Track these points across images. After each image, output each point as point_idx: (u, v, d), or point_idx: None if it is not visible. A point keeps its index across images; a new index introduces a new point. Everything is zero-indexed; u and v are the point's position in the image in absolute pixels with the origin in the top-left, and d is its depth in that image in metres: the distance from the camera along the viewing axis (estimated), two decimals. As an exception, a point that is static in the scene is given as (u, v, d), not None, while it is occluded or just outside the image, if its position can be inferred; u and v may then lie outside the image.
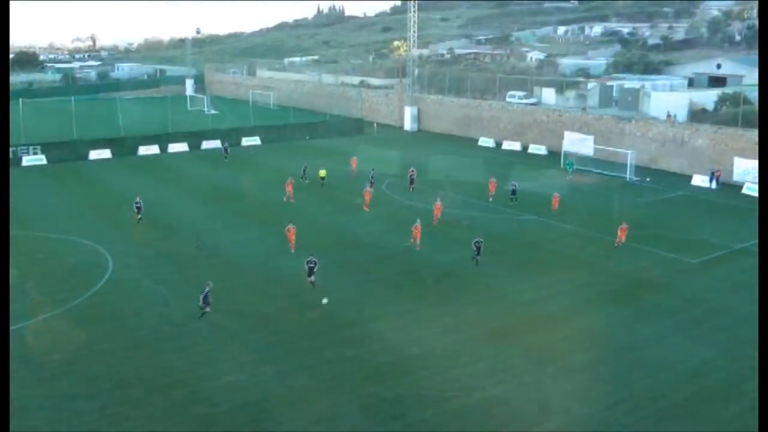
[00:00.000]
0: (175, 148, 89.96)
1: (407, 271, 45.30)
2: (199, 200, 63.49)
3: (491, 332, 36.23)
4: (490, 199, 62.87)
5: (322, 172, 67.00)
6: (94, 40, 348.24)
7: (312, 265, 40.84)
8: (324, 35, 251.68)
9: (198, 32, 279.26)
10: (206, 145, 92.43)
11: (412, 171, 68.04)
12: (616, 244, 49.51)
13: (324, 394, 29.93)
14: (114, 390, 29.76)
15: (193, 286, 40.36)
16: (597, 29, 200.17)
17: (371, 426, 27.60)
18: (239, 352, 33.52)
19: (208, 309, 36.71)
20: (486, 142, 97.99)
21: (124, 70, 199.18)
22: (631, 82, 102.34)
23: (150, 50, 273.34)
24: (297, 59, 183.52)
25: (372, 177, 66.79)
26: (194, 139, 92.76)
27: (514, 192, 62.07)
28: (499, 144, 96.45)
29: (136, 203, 55.16)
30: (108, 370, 31.54)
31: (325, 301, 38.63)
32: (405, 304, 39.72)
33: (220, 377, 31.07)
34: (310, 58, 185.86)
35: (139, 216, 54.72)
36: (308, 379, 31.13)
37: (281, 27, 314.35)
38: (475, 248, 45.32)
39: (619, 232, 50.03)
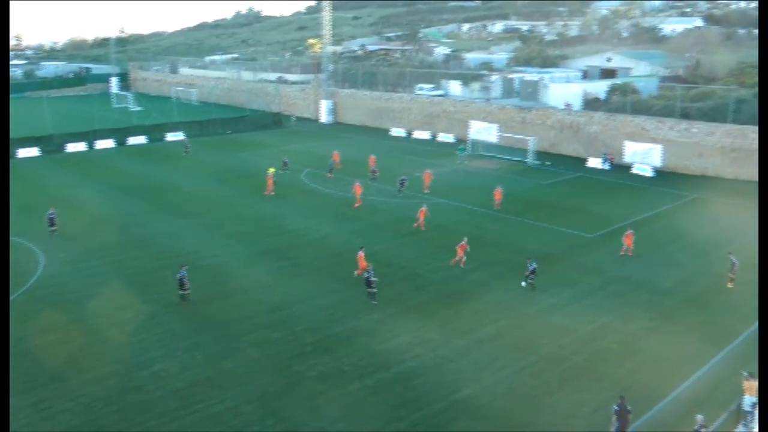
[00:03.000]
0: (102, 144, 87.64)
1: (327, 255, 45.13)
2: (128, 194, 61.95)
3: (408, 309, 36.42)
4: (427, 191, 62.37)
5: (271, 170, 65.13)
6: (19, 40, 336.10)
7: (367, 275, 37.46)
8: (243, 34, 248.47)
9: (121, 31, 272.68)
10: (132, 140, 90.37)
11: (373, 160, 68.21)
12: (621, 253, 44.88)
13: (252, 375, 29.64)
14: (48, 384, 28.83)
15: (122, 279, 39.46)
16: (498, 26, 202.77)
17: (297, 402, 27.44)
18: (170, 340, 32.90)
19: (186, 291, 36.68)
20: (398, 131, 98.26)
21: (49, 68, 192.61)
22: (530, 75, 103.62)
23: (75, 49, 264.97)
24: (217, 57, 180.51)
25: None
26: (120, 135, 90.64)
27: (402, 183, 61.17)
28: (410, 133, 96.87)
29: (50, 215, 49.62)
30: (41, 365, 30.49)
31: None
32: (326, 287, 39.59)
33: (152, 365, 30.46)
34: (229, 56, 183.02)
35: (53, 227, 49.21)
36: (236, 361, 30.79)
37: (202, 27, 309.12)
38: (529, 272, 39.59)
39: (625, 240, 45.24)
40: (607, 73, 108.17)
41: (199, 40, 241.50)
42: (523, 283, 39.38)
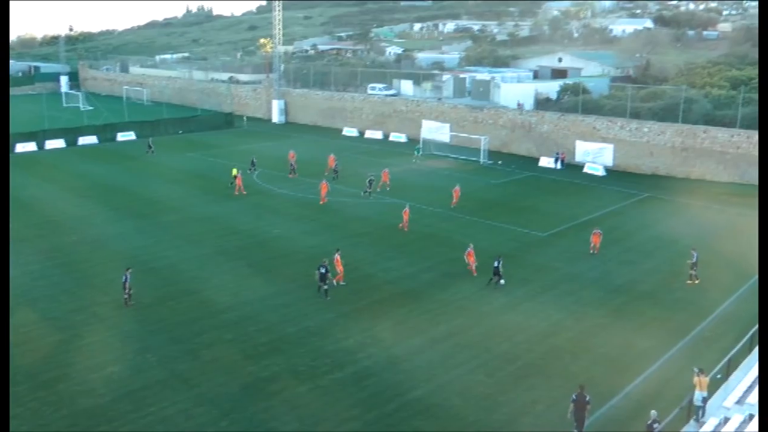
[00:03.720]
0: (52, 144, 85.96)
1: (279, 256, 44.86)
2: (79, 195, 60.86)
3: (361, 309, 36.36)
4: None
5: (234, 171, 64.16)
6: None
7: (324, 271, 37.73)
8: (193, 33, 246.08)
9: (71, 29, 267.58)
10: (83, 140, 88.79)
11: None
12: (591, 252, 45.36)
13: (205, 376, 29.30)
14: (-5, 388, 28.19)
15: (73, 281, 38.74)
16: (450, 26, 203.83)
17: (251, 403, 27.21)
18: (122, 343, 32.38)
19: (127, 295, 36.14)
20: (350, 131, 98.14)
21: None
22: (482, 75, 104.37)
23: (24, 47, 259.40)
24: (168, 56, 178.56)
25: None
26: (71, 135, 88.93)
27: (370, 183, 60.75)
28: (362, 133, 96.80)
29: None
30: (-12, 367, 29.83)
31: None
32: (279, 287, 39.35)
33: (103, 368, 29.90)
34: (180, 55, 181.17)
35: None
36: (189, 363, 30.42)
37: (152, 25, 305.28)
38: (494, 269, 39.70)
39: (592, 238, 45.73)
40: (558, 73, 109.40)
41: (149, 39, 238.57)
42: (502, 281, 39.34)
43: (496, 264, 39.45)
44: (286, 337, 33.00)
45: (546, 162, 75.71)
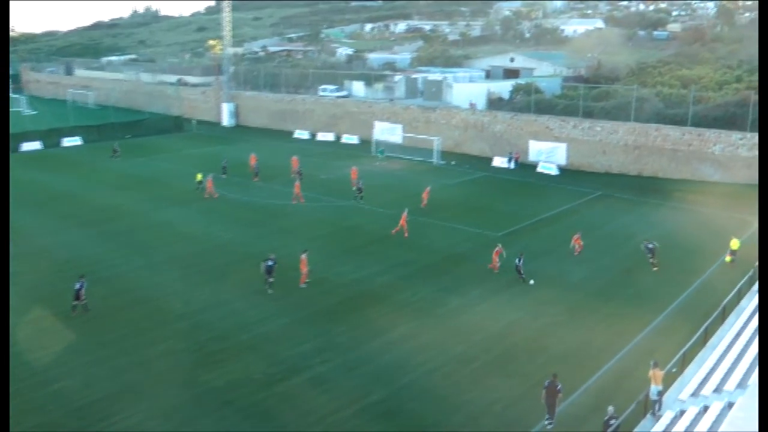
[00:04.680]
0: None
1: (232, 261, 44.48)
2: (23, 204, 59.44)
3: (316, 314, 36.22)
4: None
5: (199, 176, 62.91)
6: None
7: (271, 263, 38.94)
8: (140, 34, 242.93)
9: (12, 30, 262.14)
10: (26, 146, 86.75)
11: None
12: (576, 254, 45.43)
13: (158, 387, 28.90)
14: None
15: (19, 293, 37.92)
16: (401, 26, 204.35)
17: (205, 414, 26.93)
18: (71, 356, 31.75)
19: (78, 302, 35.74)
20: (301, 134, 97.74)
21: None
22: (434, 75, 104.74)
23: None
24: (115, 58, 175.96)
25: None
26: (13, 141, 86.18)
27: (359, 190, 59.85)
28: (313, 135, 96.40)
29: None
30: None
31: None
32: (232, 294, 39.01)
33: (53, 383, 29.31)
34: (127, 57, 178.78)
35: None
36: (141, 374, 29.98)
37: (97, 26, 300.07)
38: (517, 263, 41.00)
39: (574, 241, 45.82)
40: (511, 73, 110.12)
41: (95, 40, 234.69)
42: (531, 281, 40.34)
43: (517, 262, 40.57)
44: (241, 345, 32.73)
45: (499, 162, 76.22)
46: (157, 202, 59.86)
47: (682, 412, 24.57)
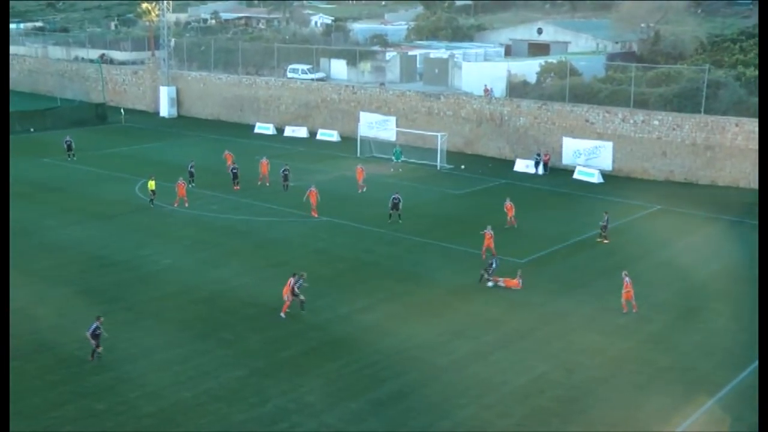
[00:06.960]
0: None
1: (170, 294, 44.46)
2: None
3: (281, 363, 36.09)
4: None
5: (152, 184, 62.74)
6: None
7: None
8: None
9: None
10: None
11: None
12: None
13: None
14: None
15: None
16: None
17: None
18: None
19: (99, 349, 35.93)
20: (264, 128, 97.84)
21: None
22: (437, 52, 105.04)
23: None
24: (14, 26, 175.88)
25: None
26: None
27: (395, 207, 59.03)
28: (280, 130, 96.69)
29: None
30: None
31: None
32: (170, 337, 38.95)
33: None
34: (32, 24, 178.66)
35: None
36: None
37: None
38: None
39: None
40: (538, 49, 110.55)
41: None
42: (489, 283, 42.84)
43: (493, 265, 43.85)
44: (181, 405, 32.55)
45: (524, 166, 76.47)
46: (68, 215, 59.73)
47: None
